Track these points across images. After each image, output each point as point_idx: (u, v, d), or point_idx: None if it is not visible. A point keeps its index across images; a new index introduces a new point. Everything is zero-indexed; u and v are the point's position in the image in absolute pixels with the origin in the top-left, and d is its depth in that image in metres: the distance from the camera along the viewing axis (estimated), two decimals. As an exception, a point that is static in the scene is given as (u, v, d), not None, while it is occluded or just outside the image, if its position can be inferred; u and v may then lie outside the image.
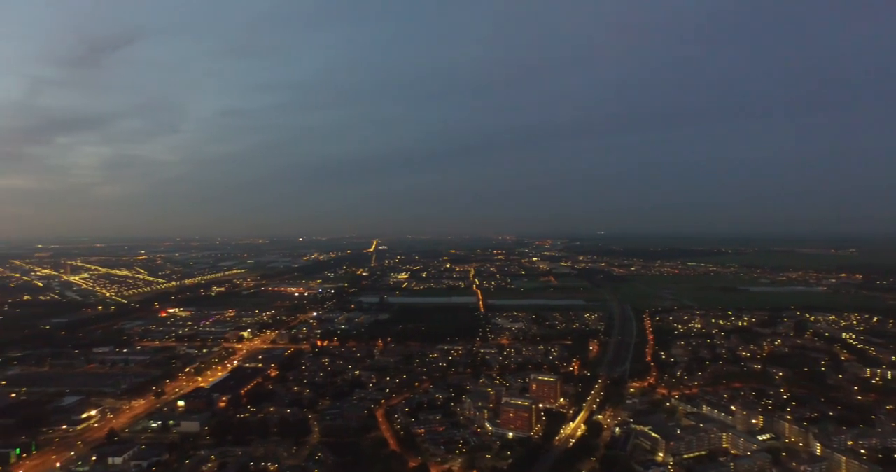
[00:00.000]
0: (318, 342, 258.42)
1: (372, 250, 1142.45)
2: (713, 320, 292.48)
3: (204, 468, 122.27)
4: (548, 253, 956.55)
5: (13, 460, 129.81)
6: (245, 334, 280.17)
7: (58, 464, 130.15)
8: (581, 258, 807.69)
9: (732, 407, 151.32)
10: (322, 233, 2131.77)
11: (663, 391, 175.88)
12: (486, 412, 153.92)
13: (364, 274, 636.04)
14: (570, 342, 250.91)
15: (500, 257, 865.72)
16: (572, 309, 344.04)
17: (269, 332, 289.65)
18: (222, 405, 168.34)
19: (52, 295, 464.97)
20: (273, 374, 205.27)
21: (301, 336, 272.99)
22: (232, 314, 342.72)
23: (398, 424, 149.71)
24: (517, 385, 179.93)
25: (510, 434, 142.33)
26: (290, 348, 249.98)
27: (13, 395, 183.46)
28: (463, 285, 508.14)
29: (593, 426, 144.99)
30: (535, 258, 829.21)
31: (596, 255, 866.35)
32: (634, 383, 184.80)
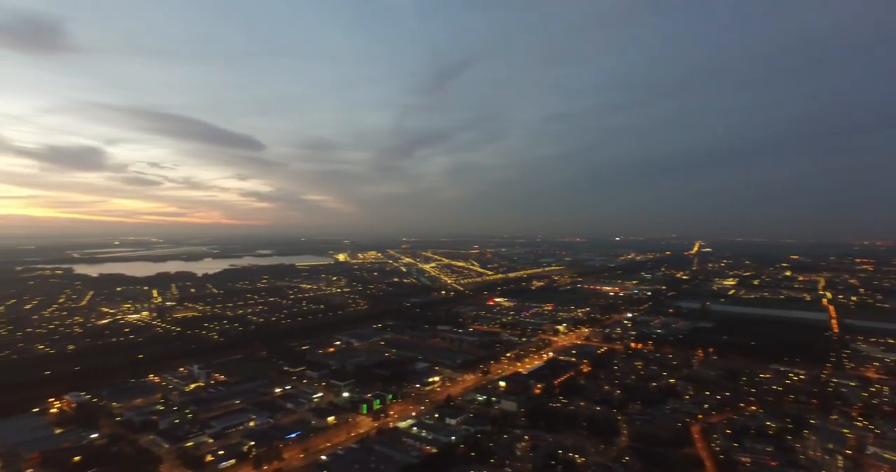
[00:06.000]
0: (632, 344, 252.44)
1: (694, 252, 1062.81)
2: None
3: (518, 445, 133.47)
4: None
5: (387, 402, 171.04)
6: (560, 328, 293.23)
7: (413, 413, 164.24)
8: None
9: None
10: (640, 233, 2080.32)
11: None
12: (840, 458, 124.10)
13: (684, 277, 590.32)
14: None
15: (865, 267, 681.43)
16: None
17: (582, 328, 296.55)
18: (537, 391, 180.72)
19: (411, 279, 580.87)
20: (585, 370, 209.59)
21: (614, 336, 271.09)
22: (549, 308, 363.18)
23: (717, 445, 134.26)
24: (892, 435, 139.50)
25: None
26: (602, 347, 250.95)
27: (387, 354, 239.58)
28: (808, 298, 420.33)
29: None
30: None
31: None
32: None
